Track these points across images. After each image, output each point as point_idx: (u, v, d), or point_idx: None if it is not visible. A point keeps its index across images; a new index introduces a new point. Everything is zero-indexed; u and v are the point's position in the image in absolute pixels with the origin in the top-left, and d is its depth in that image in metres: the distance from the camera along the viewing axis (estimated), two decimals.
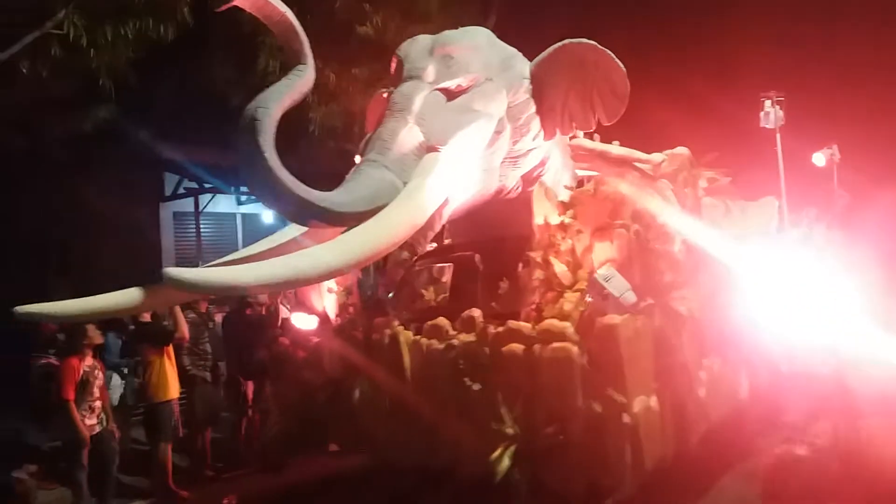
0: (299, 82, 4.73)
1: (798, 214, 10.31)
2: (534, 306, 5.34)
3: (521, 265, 5.65)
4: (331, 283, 6.53)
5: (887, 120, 12.09)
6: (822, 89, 11.56)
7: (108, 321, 7.60)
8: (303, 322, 6.41)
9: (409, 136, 5.43)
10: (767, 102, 9.96)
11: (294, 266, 4.16)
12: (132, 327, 8.49)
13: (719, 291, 6.21)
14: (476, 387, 4.96)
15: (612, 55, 6.08)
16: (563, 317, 5.04)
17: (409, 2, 10.46)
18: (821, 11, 11.79)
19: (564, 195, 5.65)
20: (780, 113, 10.09)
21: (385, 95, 6.10)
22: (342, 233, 4.78)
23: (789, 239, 8.76)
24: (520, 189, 6.30)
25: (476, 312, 5.32)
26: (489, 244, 6.34)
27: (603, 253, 5.18)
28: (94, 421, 6.54)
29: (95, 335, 6.57)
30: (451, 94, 5.77)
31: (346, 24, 10.16)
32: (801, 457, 6.17)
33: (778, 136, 9.98)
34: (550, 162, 6.57)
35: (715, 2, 12.52)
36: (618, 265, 5.07)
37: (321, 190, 4.75)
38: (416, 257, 7.05)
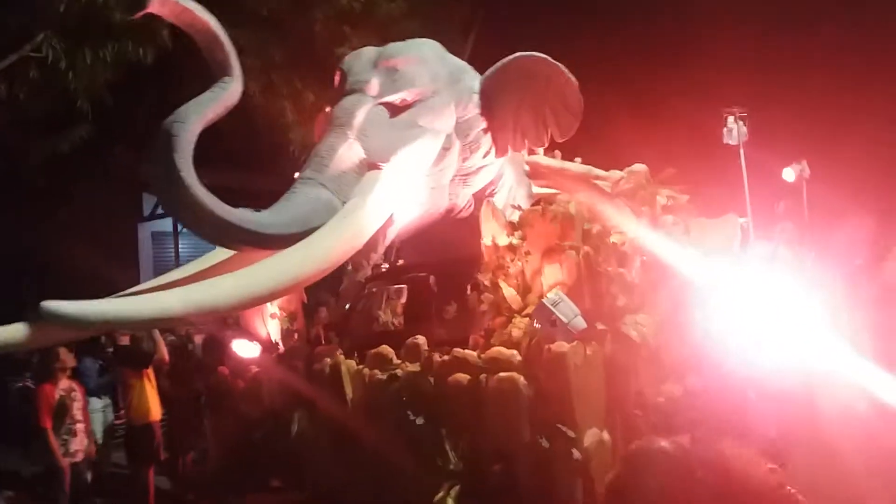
0: (224, 95, 4.42)
1: (767, 230, 10.18)
2: (482, 333, 5.05)
3: (469, 288, 5.36)
4: (273, 308, 6.19)
5: (857, 134, 11.98)
6: (789, 104, 11.43)
7: (83, 344, 7.29)
8: (244, 350, 6.06)
9: (348, 152, 5.14)
10: (730, 119, 9.76)
11: (190, 299, 3.79)
12: (110, 350, 8.32)
13: (680, 313, 5.96)
14: (419, 420, 4.63)
15: (565, 69, 5.85)
16: (512, 344, 4.75)
17: (388, 24, 10.42)
18: (787, 25, 11.70)
19: (513, 215, 5.36)
20: (744, 129, 9.90)
21: (329, 111, 5.81)
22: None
23: (756, 256, 8.73)
24: (472, 208, 6.03)
25: (420, 340, 5.01)
26: (443, 265, 6.05)
27: (552, 276, 4.90)
28: (79, 446, 6.44)
29: (68, 358, 6.44)
30: (395, 109, 5.50)
31: (325, 45, 10.07)
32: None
33: (742, 151, 9.77)
34: (504, 180, 6.31)
35: (678, 17, 12.41)
36: (567, 289, 4.78)
37: None
38: (367, 279, 6.77)
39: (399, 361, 5.03)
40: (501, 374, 4.51)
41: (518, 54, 5.90)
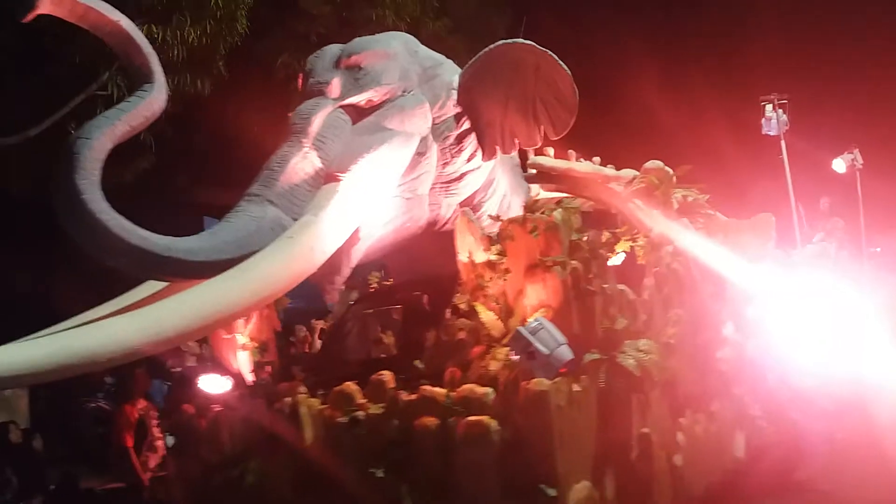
0: (141, 105, 3.84)
1: (813, 229, 9.26)
2: (458, 365, 4.34)
3: (448, 312, 4.67)
4: (243, 338, 5.59)
5: None
6: (836, 88, 10.35)
7: (153, 367, 7.42)
8: (212, 385, 5.46)
9: (302, 163, 4.51)
10: (769, 107, 8.82)
11: (69, 347, 3.20)
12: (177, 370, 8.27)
13: (703, 330, 5.16)
14: (379, 473, 3.95)
15: (554, 56, 5.11)
16: (488, 379, 4.04)
17: (433, 42, 10.69)
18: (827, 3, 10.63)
19: (493, 226, 4.65)
20: (784, 117, 8.94)
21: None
22: None
23: (804, 257, 7.84)
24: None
25: (386, 376, 4.33)
26: (437, 282, 5.36)
27: (536, 297, 4.17)
28: (157, 461, 6.69)
29: (145, 380, 6.91)
30: (359, 112, 4.85)
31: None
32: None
33: (783, 142, 8.82)
34: (496, 185, 5.59)
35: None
36: (552, 312, 4.05)
37: None
38: (353, 301, 6.14)
39: (364, 400, 4.35)
40: (472, 417, 3.79)
41: (500, 42, 5.19)
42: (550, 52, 5.11)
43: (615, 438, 3.93)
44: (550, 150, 7.11)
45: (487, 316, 4.29)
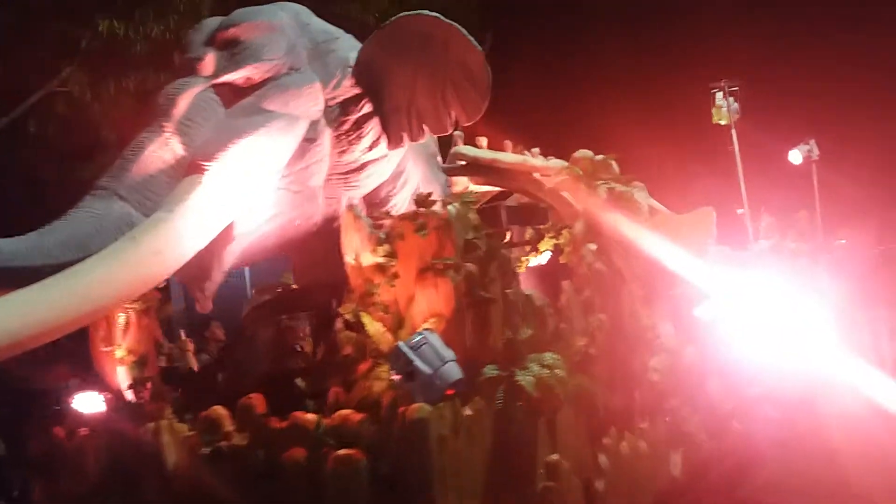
0: None
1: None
2: (342, 384, 3.75)
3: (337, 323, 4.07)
4: (120, 351, 4.94)
5: (877, 107, 10.40)
6: (792, 75, 9.89)
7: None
8: (86, 404, 4.79)
9: (161, 151, 3.88)
10: (719, 94, 8.31)
11: None
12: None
13: (629, 338, 4.61)
14: None
15: (465, 32, 4.53)
16: (370, 403, 3.44)
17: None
18: None
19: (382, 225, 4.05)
20: (736, 105, 8.45)
21: None
22: None
23: (754, 254, 7.35)
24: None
25: (255, 400, 3.71)
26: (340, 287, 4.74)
27: (427, 304, 3.58)
28: None
29: None
30: (237, 93, 4.22)
31: None
32: None
33: (734, 131, 8.33)
34: (406, 177, 5.01)
35: None
36: (445, 322, 3.46)
37: None
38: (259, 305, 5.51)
39: (232, 428, 3.73)
40: (342, 451, 3.20)
41: (403, 14, 4.58)
42: (459, 27, 4.53)
43: (516, 468, 3.35)
44: (483, 140, 6.59)
45: (374, 328, 3.71)
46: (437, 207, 3.84)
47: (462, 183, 6.53)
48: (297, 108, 4.28)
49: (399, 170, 4.95)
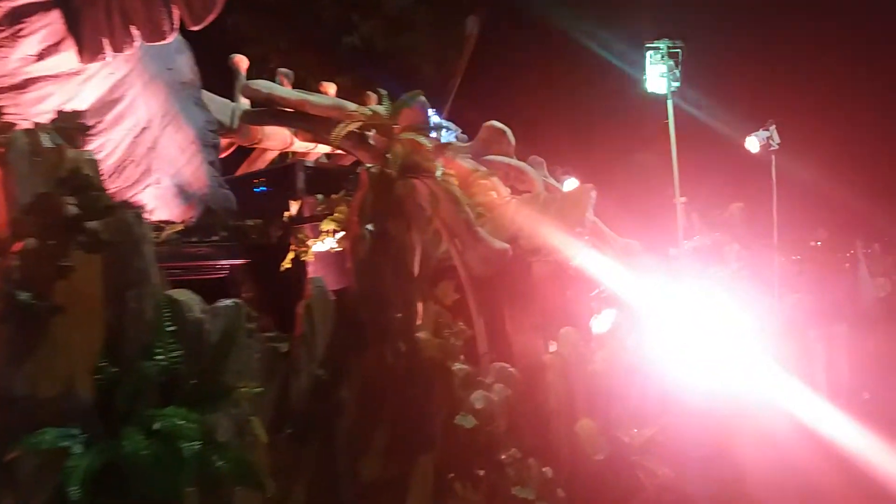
0: None
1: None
2: None
3: None
4: None
5: (839, 91, 9.06)
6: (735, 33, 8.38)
7: None
8: None
9: None
10: (654, 55, 6.74)
11: None
12: None
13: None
14: None
15: None
16: None
17: (396, 12, 9.79)
18: None
19: None
20: (677, 72, 6.87)
21: None
22: None
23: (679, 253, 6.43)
24: None
25: None
26: None
27: None
28: None
29: None
30: None
31: (332, 33, 9.59)
32: None
33: (669, 102, 6.79)
34: (124, 109, 3.60)
35: None
36: None
37: None
38: None
39: None
40: None
41: None
42: None
43: None
44: (332, 88, 5.24)
45: None
46: None
47: (281, 136, 5.08)
48: None
49: (112, 97, 3.50)
